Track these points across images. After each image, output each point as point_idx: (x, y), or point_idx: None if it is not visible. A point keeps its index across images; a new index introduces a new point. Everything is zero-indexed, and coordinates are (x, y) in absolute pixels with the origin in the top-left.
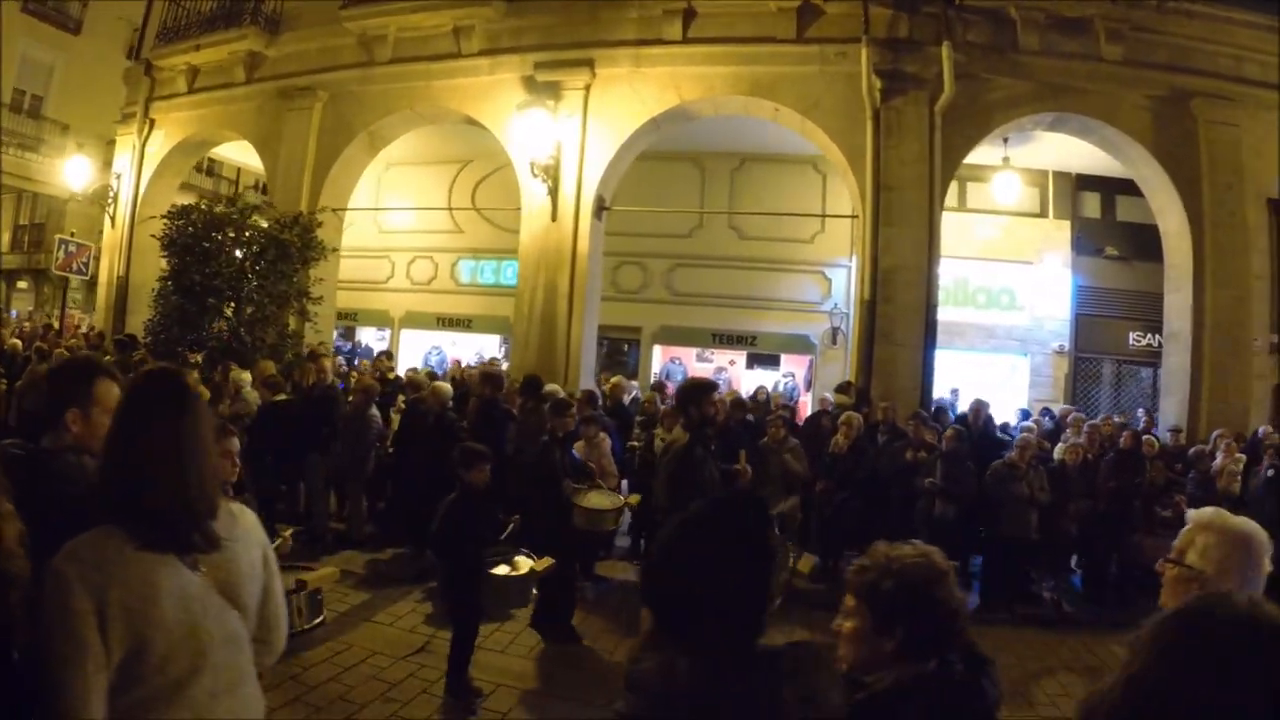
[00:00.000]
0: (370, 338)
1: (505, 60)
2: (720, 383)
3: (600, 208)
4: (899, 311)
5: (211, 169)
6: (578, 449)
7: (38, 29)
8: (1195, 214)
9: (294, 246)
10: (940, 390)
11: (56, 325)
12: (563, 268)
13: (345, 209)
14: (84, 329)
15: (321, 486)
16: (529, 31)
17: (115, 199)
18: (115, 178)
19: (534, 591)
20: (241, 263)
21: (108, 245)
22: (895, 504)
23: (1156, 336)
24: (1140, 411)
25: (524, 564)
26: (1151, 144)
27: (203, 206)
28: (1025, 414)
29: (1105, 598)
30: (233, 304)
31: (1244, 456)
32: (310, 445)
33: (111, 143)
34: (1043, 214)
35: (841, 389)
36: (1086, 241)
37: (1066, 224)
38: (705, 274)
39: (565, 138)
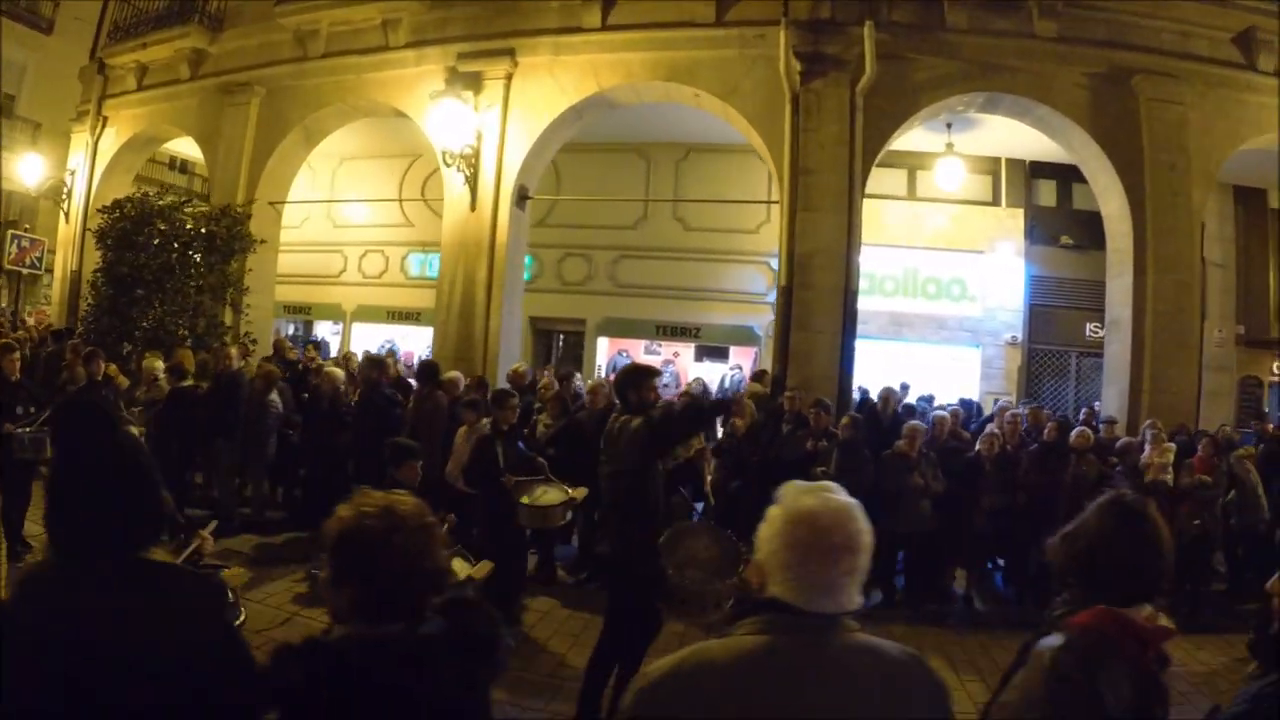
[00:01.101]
0: (326, 331)
1: (430, 52)
2: (666, 373)
3: (522, 197)
4: (816, 298)
5: (185, 167)
6: (459, 435)
7: (11, 29)
8: (1136, 196)
9: (220, 239)
10: (890, 382)
11: (30, 320)
12: (481, 257)
13: (283, 202)
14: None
15: (226, 472)
16: (453, 22)
17: (69, 195)
18: (69, 174)
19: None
20: (168, 255)
21: (62, 240)
22: None
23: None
24: (1097, 404)
25: (460, 569)
26: (1089, 124)
27: (134, 200)
28: (928, 400)
29: (1026, 596)
30: (160, 295)
31: (1173, 447)
32: (216, 431)
33: None
34: (995, 202)
35: (757, 377)
36: (1041, 230)
37: (1020, 212)
38: (650, 265)
39: (486, 127)
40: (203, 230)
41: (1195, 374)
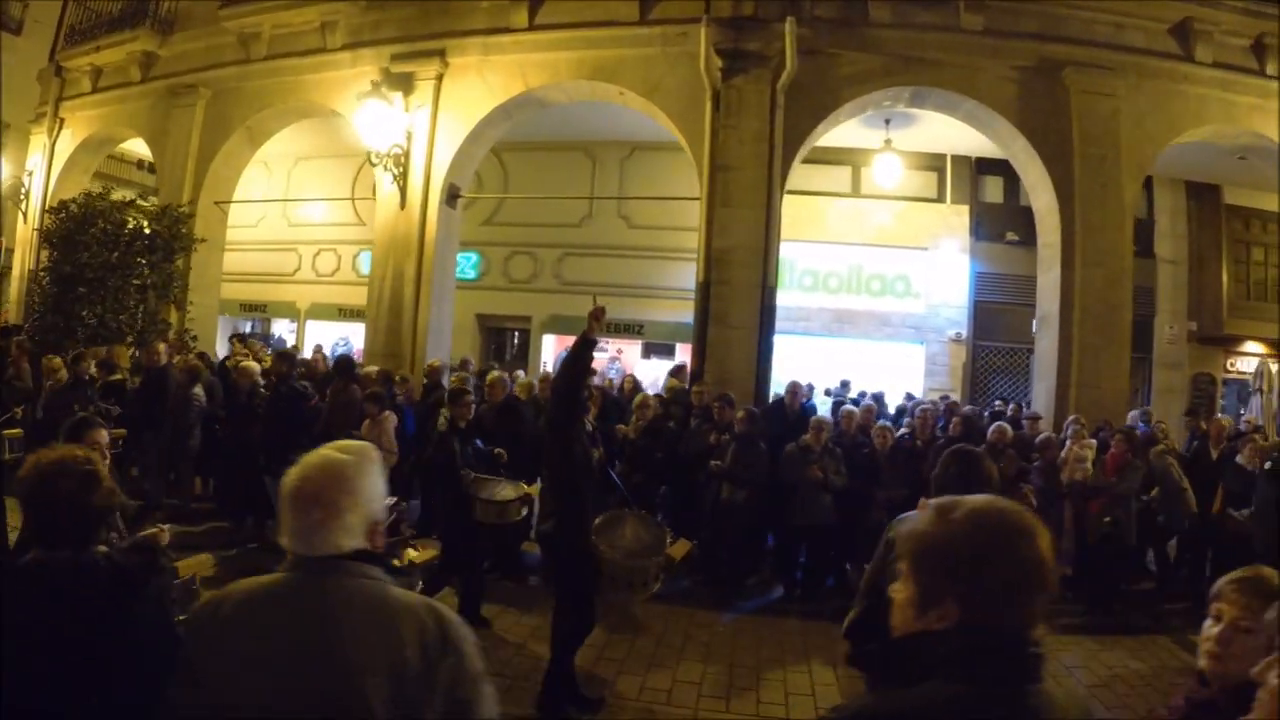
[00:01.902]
0: (284, 329)
1: (365, 53)
2: (612, 370)
3: (452, 195)
4: (734, 294)
5: (152, 167)
6: (364, 427)
7: None
8: (1065, 189)
9: (160, 238)
10: (830, 380)
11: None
12: (410, 255)
13: (228, 201)
14: None
15: (155, 463)
16: (387, 24)
17: (27, 195)
18: (28, 175)
19: (419, 584)
20: (109, 254)
21: (20, 240)
22: (700, 487)
23: None
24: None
25: (409, 555)
26: (1017, 117)
27: (79, 201)
28: (878, 398)
29: None
30: (102, 293)
31: (1093, 443)
32: (143, 424)
33: None
34: (940, 199)
35: (674, 373)
36: (986, 226)
37: (965, 209)
38: (594, 263)
39: (417, 127)
40: (145, 230)
41: (1126, 369)
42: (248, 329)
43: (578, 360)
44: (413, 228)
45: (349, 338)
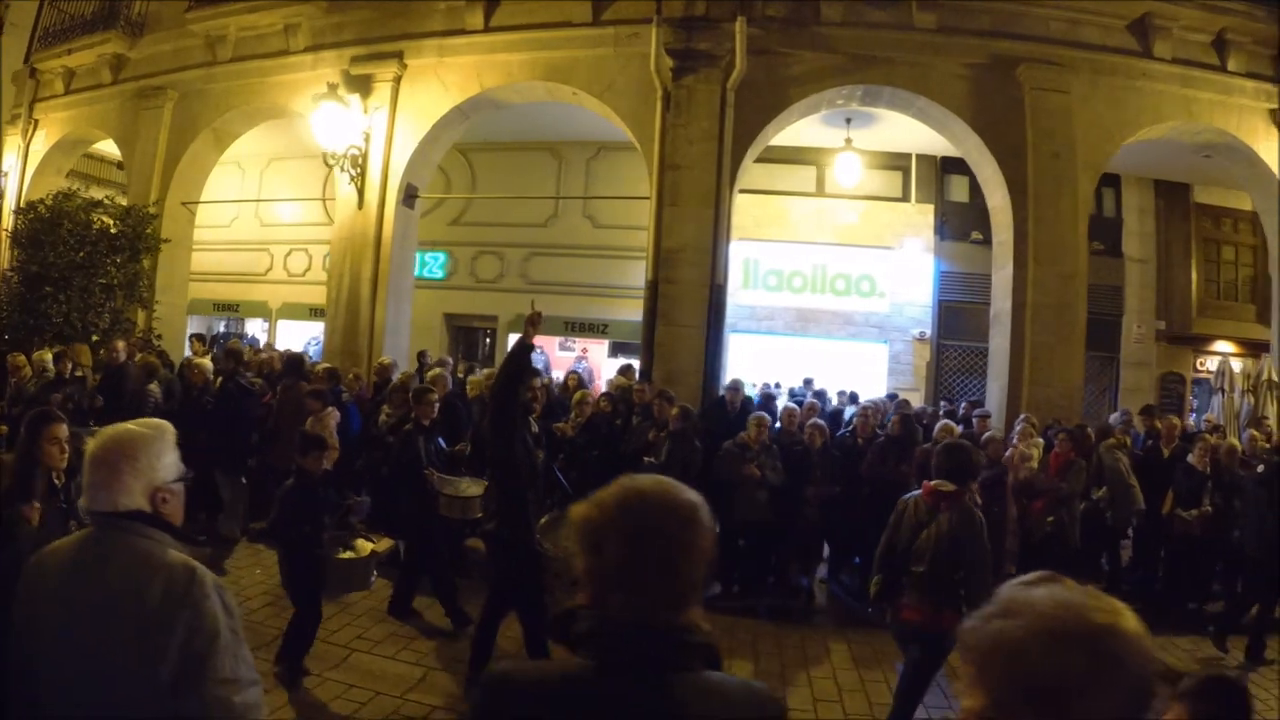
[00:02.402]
0: (257, 329)
1: (326, 55)
2: (579, 368)
3: (409, 196)
4: (682, 293)
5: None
6: (308, 424)
7: None
8: (1018, 186)
9: (124, 239)
10: (793, 379)
11: None
12: (367, 254)
13: (195, 202)
14: None
15: None
16: (348, 27)
17: (2, 195)
18: (3, 175)
19: (374, 574)
20: (75, 254)
21: None
22: None
23: None
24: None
25: (364, 546)
26: (969, 115)
27: (47, 202)
28: (802, 392)
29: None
30: (67, 292)
31: (1040, 442)
32: (102, 421)
33: None
34: (905, 198)
35: (623, 371)
36: (951, 226)
37: (930, 208)
38: (560, 263)
39: (375, 128)
40: (112, 230)
41: (1080, 367)
42: (221, 328)
43: (515, 364)
44: (370, 228)
45: (319, 337)
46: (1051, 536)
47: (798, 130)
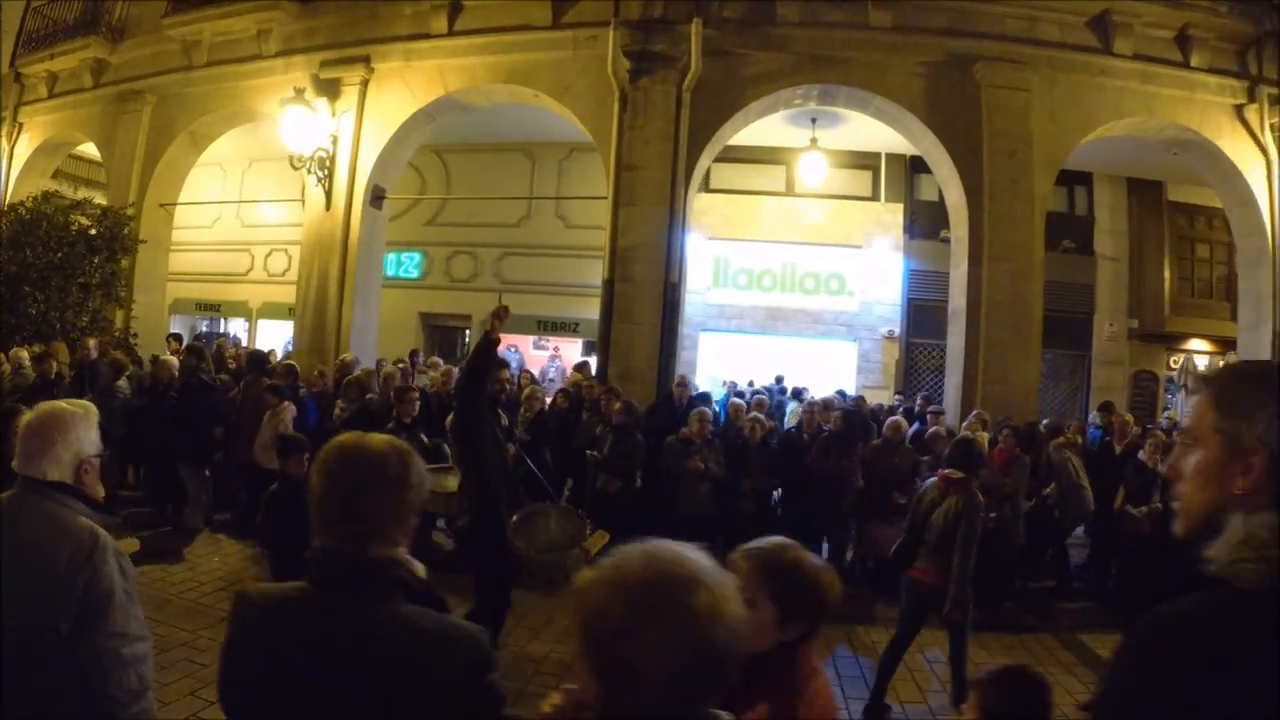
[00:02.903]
0: (239, 328)
1: (297, 60)
2: (551, 368)
3: (377, 197)
4: (637, 290)
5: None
6: (265, 417)
7: None
8: (973, 184)
9: (100, 239)
10: (765, 377)
11: None
12: (334, 254)
13: (173, 204)
14: None
15: None
16: (318, 32)
17: None
18: None
19: None
20: (53, 254)
21: None
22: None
23: None
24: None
25: None
26: (925, 113)
27: (27, 204)
28: (733, 388)
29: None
30: (45, 292)
31: (986, 436)
32: None
33: None
34: (874, 197)
35: (579, 368)
36: (921, 225)
37: (900, 207)
38: (533, 262)
39: (343, 131)
40: (91, 231)
41: (1036, 364)
42: (204, 327)
43: (479, 359)
44: (337, 228)
45: None
46: (994, 533)
47: (766, 130)
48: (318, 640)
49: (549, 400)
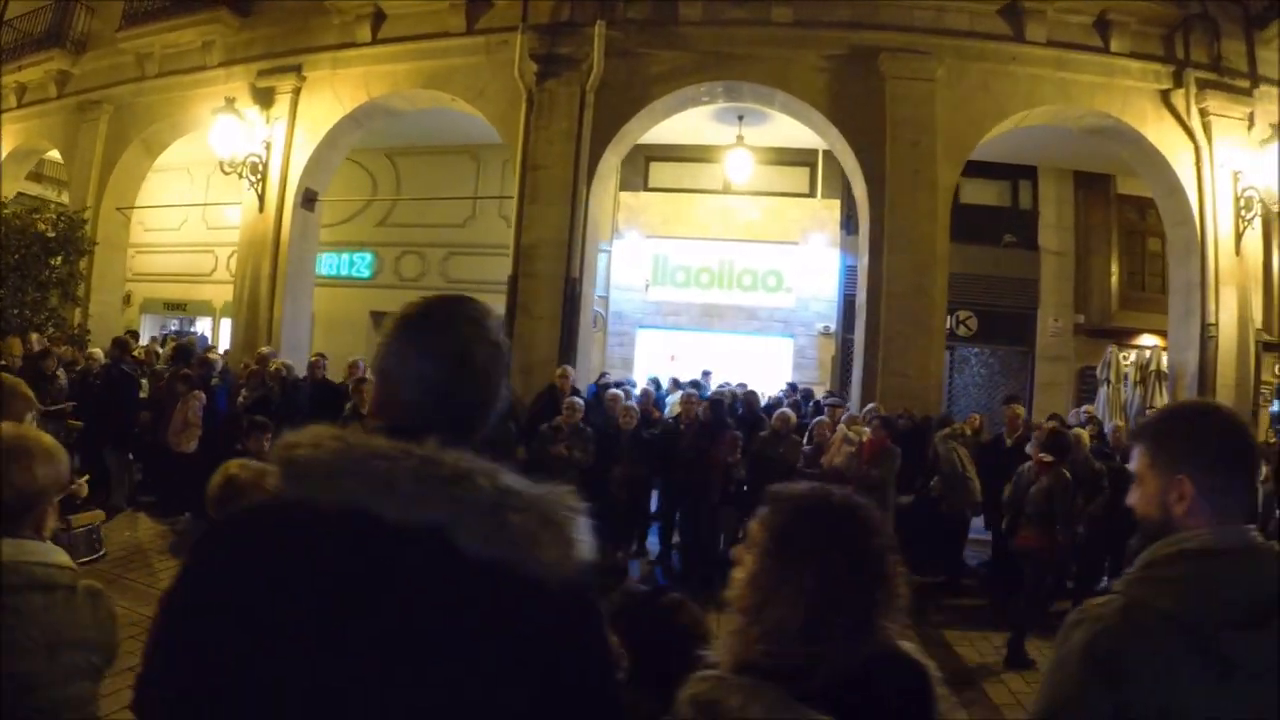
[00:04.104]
0: (205, 327)
1: (237, 70)
2: None
3: (308, 199)
4: (539, 286)
5: None
6: (178, 406)
7: None
8: (875, 175)
9: (55, 241)
10: (693, 371)
11: None
12: (266, 255)
13: (130, 207)
14: None
15: None
16: (256, 43)
17: None
18: None
19: None
20: (11, 255)
21: None
22: None
23: None
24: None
25: None
26: (827, 107)
27: None
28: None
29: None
30: (2, 291)
31: (866, 430)
32: None
33: None
34: (812, 194)
35: None
36: (857, 221)
37: (836, 203)
38: (477, 261)
39: (276, 137)
40: (48, 234)
41: (939, 357)
42: (174, 326)
43: None
44: (269, 230)
45: None
46: None
47: (700, 128)
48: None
49: None
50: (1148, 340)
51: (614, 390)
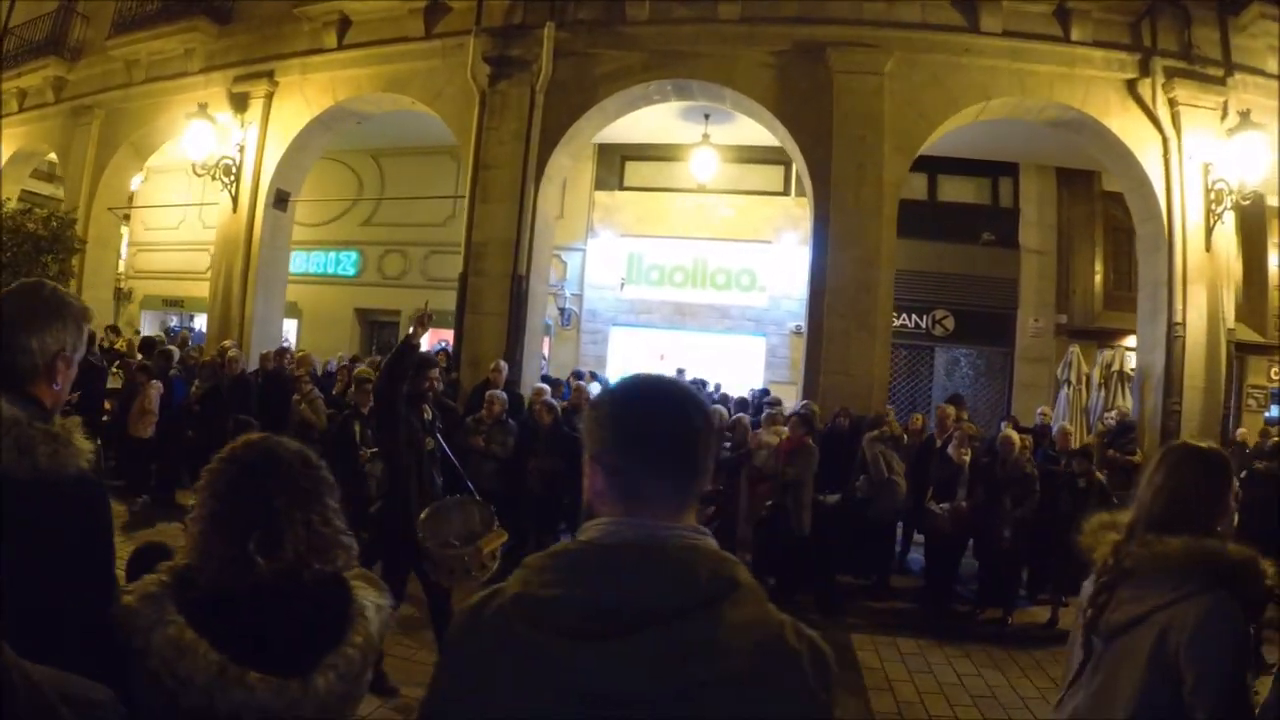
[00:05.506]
0: (203, 323)
1: (216, 76)
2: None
3: (280, 199)
4: (488, 283)
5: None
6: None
7: None
8: (821, 171)
9: (44, 240)
10: (666, 369)
11: None
12: (239, 253)
13: (121, 208)
14: None
15: None
16: (234, 49)
17: None
18: None
19: None
20: (3, 254)
21: None
22: None
23: (911, 316)
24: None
25: None
26: (774, 103)
27: None
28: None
29: None
30: None
31: (785, 429)
32: None
33: None
34: (785, 192)
35: (437, 353)
36: None
37: (809, 201)
38: (458, 260)
39: (250, 141)
40: (39, 234)
41: (883, 356)
42: (175, 322)
43: (397, 362)
44: (242, 229)
45: None
46: (773, 520)
47: (675, 128)
48: None
49: None
50: (1132, 341)
51: (538, 385)
